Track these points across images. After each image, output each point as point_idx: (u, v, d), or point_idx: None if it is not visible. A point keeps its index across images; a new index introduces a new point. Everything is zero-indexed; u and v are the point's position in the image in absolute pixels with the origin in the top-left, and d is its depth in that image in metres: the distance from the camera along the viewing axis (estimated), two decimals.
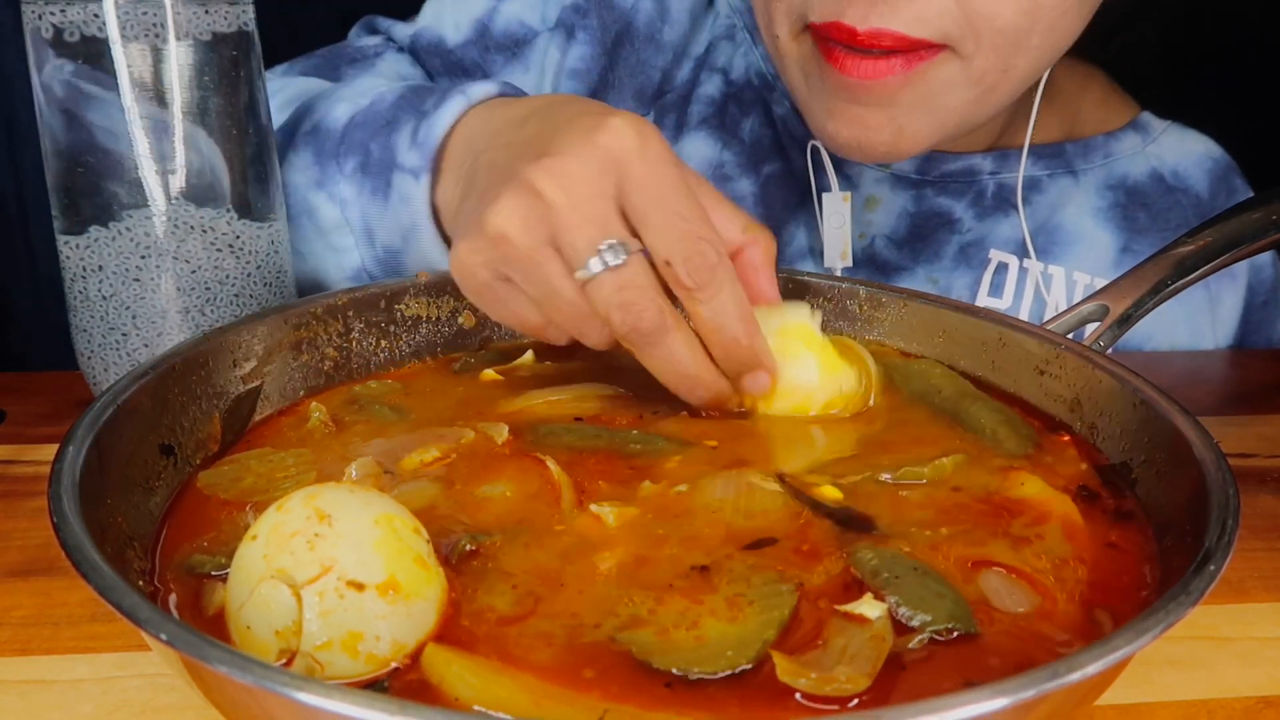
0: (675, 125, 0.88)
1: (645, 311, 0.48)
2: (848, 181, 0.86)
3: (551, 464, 0.48)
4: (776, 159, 0.87)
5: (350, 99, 0.70)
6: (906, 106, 0.69)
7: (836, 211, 0.83)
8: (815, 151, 0.83)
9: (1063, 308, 0.85)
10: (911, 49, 0.66)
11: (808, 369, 0.53)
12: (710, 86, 0.88)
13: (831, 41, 0.67)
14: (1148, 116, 0.92)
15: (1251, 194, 0.92)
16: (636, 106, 0.89)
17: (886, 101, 0.69)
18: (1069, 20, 0.69)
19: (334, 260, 0.69)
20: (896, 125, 0.70)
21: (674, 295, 0.50)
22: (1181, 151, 0.91)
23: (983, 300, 0.85)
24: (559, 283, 0.50)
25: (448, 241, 0.64)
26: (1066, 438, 0.53)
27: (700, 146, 0.87)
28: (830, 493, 0.46)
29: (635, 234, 0.49)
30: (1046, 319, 0.60)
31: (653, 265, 0.49)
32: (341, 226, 0.68)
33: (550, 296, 0.50)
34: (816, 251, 0.85)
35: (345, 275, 0.70)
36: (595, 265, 0.48)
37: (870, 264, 0.86)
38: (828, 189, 0.83)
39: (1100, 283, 0.86)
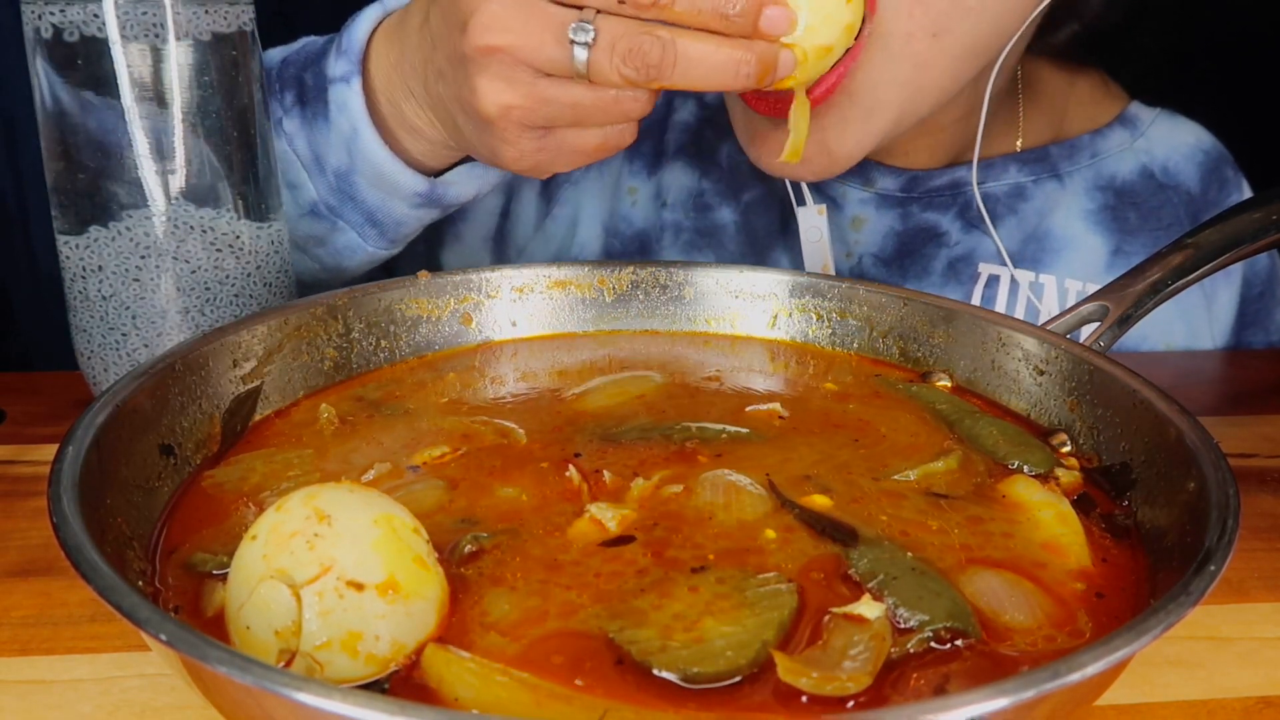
0: (653, 153, 0.87)
1: (644, 46, 0.49)
2: (830, 204, 0.85)
3: (573, 471, 0.48)
4: (756, 184, 0.86)
5: (283, 48, 0.75)
6: (831, 124, 0.65)
7: (813, 226, 0.81)
8: None
9: None
10: None
11: None
12: (685, 113, 0.87)
13: None
14: (1136, 107, 0.90)
15: (1244, 183, 0.91)
16: None
17: (814, 125, 0.64)
18: None
19: (291, 199, 0.71)
20: (825, 149, 0.66)
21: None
22: (1171, 144, 0.89)
23: None
24: (572, 93, 0.51)
25: (388, 140, 0.67)
26: (1066, 445, 0.53)
27: (679, 176, 0.86)
28: (820, 501, 0.46)
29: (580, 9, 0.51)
30: (1046, 320, 0.60)
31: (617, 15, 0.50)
32: (293, 161, 0.71)
33: (578, 109, 0.52)
34: None
35: (303, 211, 0.72)
36: (580, 55, 0.50)
37: None
38: (803, 202, 0.82)
39: (1093, 289, 0.85)
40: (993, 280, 0.85)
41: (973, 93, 0.79)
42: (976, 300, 0.85)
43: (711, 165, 0.86)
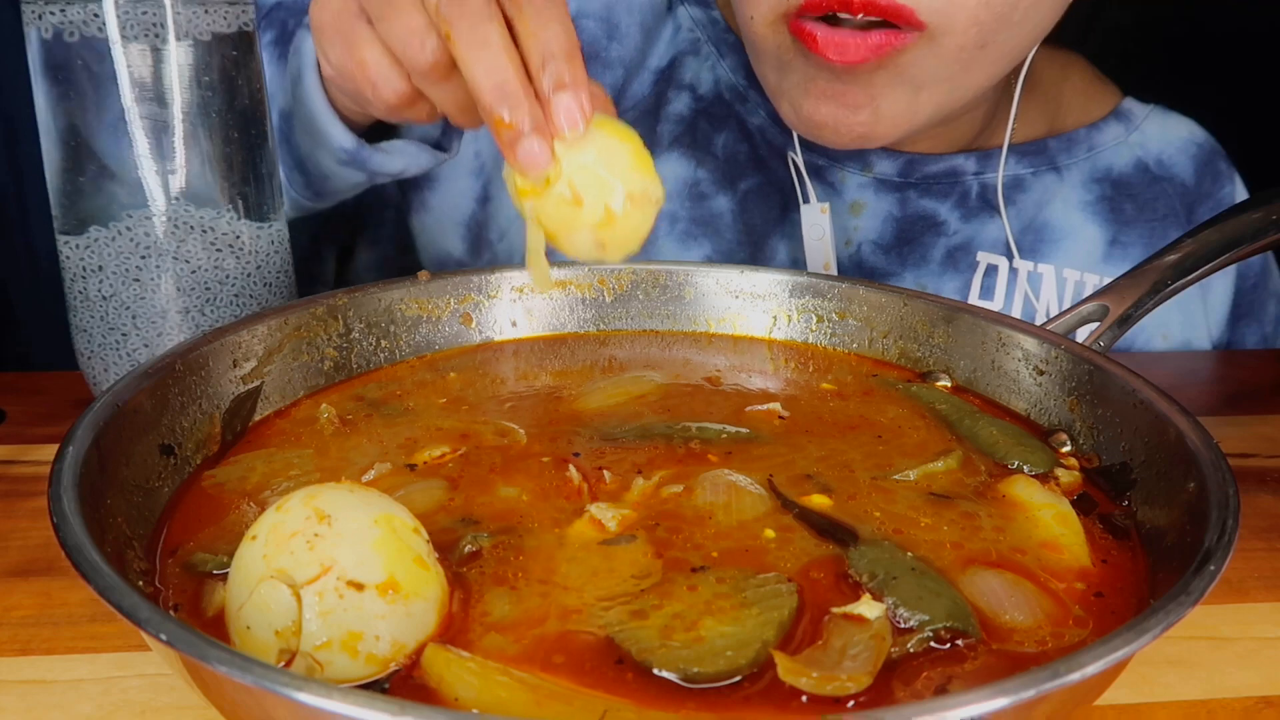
0: (646, 143, 0.88)
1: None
2: (830, 189, 0.85)
3: (573, 470, 0.48)
4: (754, 173, 0.86)
5: None
6: (883, 85, 0.69)
7: (815, 224, 0.82)
8: (794, 163, 0.83)
9: (1054, 306, 0.85)
10: (898, 18, 0.65)
11: (619, 149, 0.49)
12: (679, 104, 0.87)
13: (814, 21, 0.67)
14: (1130, 103, 0.91)
15: (1236, 176, 0.92)
16: None
17: (865, 81, 0.68)
18: None
19: None
20: (874, 105, 0.69)
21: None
22: (1165, 138, 0.90)
23: (973, 303, 0.85)
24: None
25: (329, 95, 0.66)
26: (1066, 445, 0.53)
27: (674, 167, 0.86)
28: (820, 501, 0.46)
29: None
30: (1047, 318, 0.60)
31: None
32: None
33: (388, 8, 0.51)
34: (799, 264, 0.85)
35: None
36: None
37: (858, 271, 0.86)
38: (808, 200, 0.83)
39: (1090, 278, 0.86)
40: (991, 269, 0.85)
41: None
42: (975, 289, 0.85)
43: (706, 155, 0.86)
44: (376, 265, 0.98)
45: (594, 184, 0.48)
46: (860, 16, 0.65)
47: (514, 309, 0.65)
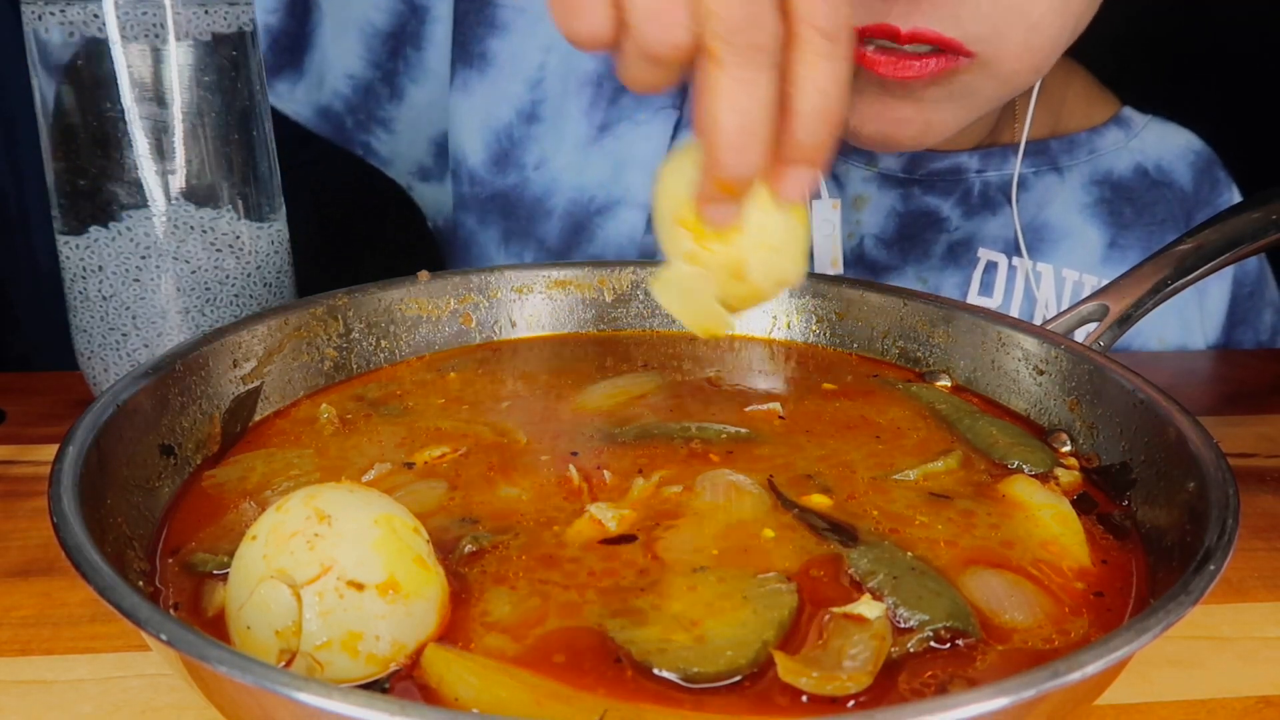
0: (673, 123, 0.88)
1: (763, 14, 0.39)
2: (833, 182, 0.86)
3: (573, 470, 0.48)
4: None
5: None
6: (934, 100, 0.69)
7: (826, 219, 0.83)
8: None
9: (1052, 305, 0.86)
10: (946, 49, 0.65)
11: (797, 235, 0.46)
12: None
13: (868, 44, 0.66)
14: (1129, 111, 0.92)
15: (1233, 185, 0.92)
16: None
17: (916, 97, 0.68)
18: (1085, 8, 0.69)
19: None
20: (925, 119, 0.70)
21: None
22: (1164, 145, 0.91)
23: (973, 299, 0.86)
24: None
25: None
26: (1066, 445, 0.53)
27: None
28: (820, 500, 0.46)
29: None
30: (1045, 318, 0.60)
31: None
32: None
33: None
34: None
35: None
36: None
37: (859, 264, 0.86)
38: (816, 195, 0.83)
39: (1089, 279, 0.86)
40: (991, 266, 0.86)
41: None
42: (974, 285, 0.86)
43: None
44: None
45: (764, 267, 0.45)
46: (908, 47, 0.65)
47: (514, 309, 0.65)
